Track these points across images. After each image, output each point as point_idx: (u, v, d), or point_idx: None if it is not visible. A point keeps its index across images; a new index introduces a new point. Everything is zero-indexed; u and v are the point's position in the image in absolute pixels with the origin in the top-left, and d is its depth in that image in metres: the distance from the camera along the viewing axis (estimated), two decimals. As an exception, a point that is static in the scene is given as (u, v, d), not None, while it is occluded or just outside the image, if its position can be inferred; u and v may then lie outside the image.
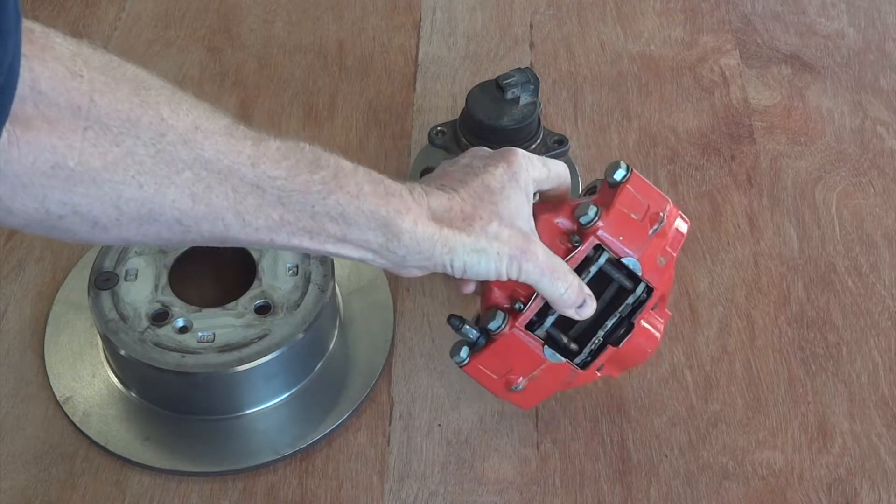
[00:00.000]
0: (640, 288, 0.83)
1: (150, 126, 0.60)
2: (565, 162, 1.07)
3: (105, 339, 0.94)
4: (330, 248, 0.71)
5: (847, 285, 1.05)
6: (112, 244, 0.66)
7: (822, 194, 1.13)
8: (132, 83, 0.60)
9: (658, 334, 0.86)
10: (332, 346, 0.98)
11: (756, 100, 1.22)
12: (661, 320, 0.87)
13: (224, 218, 0.64)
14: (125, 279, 0.94)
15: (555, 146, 1.05)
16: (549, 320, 0.82)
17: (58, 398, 0.95)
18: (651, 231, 0.82)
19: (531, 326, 0.82)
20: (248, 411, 0.94)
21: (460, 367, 0.84)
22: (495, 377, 0.85)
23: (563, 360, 0.84)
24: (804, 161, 1.16)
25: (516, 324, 0.81)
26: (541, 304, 0.81)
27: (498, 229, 0.76)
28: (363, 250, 0.72)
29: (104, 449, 0.92)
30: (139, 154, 0.60)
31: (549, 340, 0.84)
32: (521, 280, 0.78)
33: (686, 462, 0.92)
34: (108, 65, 0.60)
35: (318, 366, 0.97)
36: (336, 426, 0.93)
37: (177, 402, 0.94)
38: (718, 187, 1.13)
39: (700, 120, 1.20)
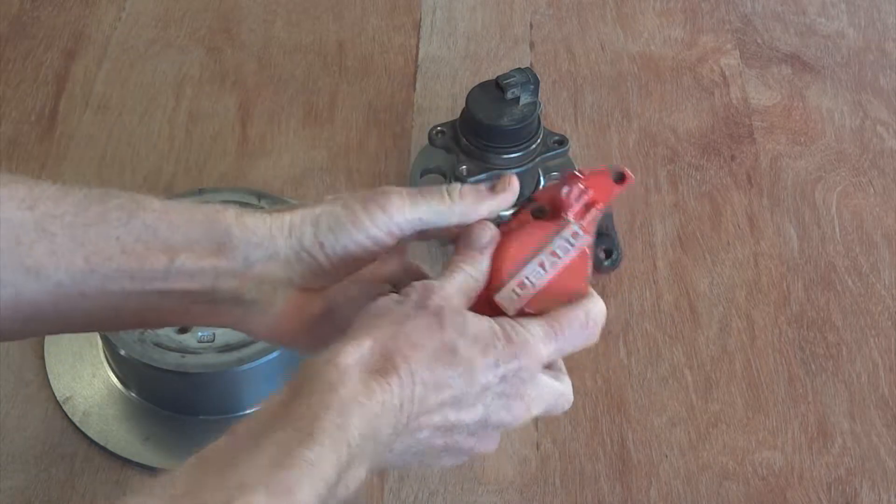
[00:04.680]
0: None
1: None
2: (565, 163, 1.07)
3: (105, 338, 0.94)
4: (159, 285, 0.55)
5: (847, 285, 1.05)
6: None
7: (822, 194, 1.13)
8: None
9: None
10: (332, 346, 0.98)
11: (756, 100, 1.22)
12: None
13: (14, 282, 0.50)
14: (125, 279, 0.94)
15: (555, 146, 1.04)
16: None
17: (58, 398, 0.94)
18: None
19: None
20: (248, 411, 0.94)
21: None
22: None
23: None
24: (804, 161, 1.16)
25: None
26: None
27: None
28: (202, 276, 0.56)
29: (104, 449, 0.92)
30: None
31: None
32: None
33: (686, 462, 0.92)
34: None
35: (318, 366, 0.96)
36: (336, 426, 0.93)
37: (177, 402, 0.94)
38: (718, 187, 1.13)
39: (700, 120, 1.20)
